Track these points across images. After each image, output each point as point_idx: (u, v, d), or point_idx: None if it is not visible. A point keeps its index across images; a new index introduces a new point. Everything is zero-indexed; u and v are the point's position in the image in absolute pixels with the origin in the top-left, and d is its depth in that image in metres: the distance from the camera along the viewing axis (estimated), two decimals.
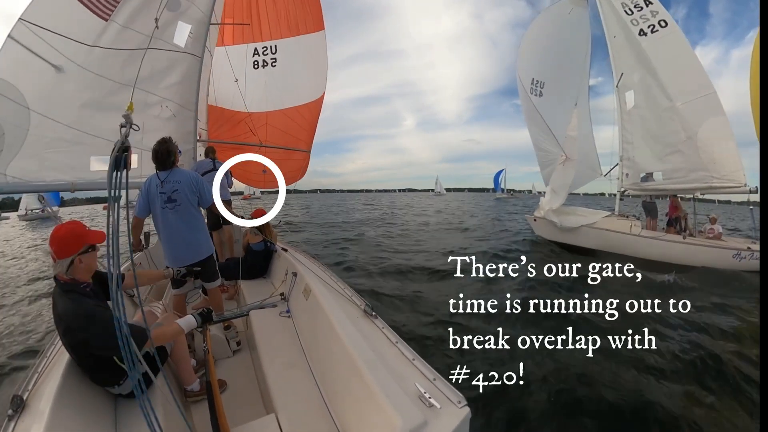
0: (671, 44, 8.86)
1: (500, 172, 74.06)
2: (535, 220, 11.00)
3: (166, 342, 1.83)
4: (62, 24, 2.78)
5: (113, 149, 1.10)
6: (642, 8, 9.14)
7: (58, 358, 1.66)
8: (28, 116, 2.76)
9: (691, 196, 9.29)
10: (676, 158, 8.84)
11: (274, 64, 6.04)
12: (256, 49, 5.99)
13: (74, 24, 2.84)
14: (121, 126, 1.25)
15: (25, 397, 1.41)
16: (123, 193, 1.13)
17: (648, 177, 9.49)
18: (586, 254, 8.97)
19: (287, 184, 6.37)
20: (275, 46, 6.01)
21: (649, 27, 9.14)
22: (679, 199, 9.33)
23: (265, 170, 5.75)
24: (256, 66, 6.00)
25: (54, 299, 1.58)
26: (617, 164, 10.03)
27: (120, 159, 1.11)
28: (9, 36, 2.61)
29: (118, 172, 1.10)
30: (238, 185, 6.38)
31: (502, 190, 73.25)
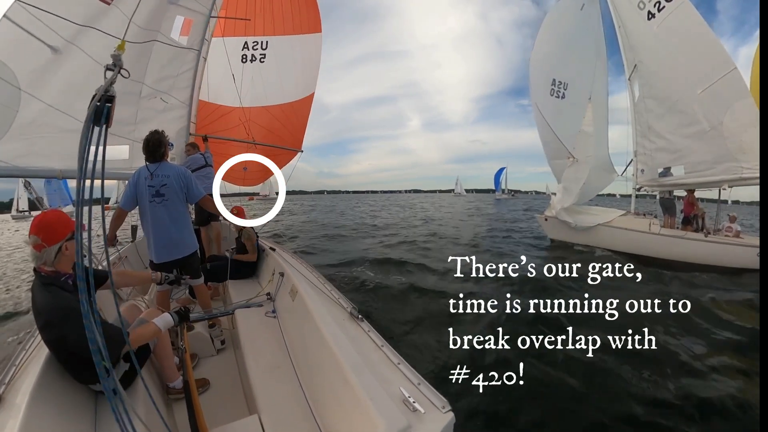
0: (681, 20, 8.00)
1: (501, 170, 71.00)
2: (546, 219, 10.45)
3: (144, 343, 1.81)
4: (62, 4, 2.71)
5: (93, 97, 0.89)
6: None
7: (38, 352, 1.63)
8: (18, 97, 2.68)
9: (717, 192, 8.62)
10: (699, 149, 8.13)
11: (262, 60, 5.99)
12: (246, 42, 5.92)
13: (74, 4, 2.78)
14: (107, 68, 0.97)
15: (1, 391, 1.38)
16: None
17: (666, 172, 8.91)
18: (601, 254, 8.71)
19: (263, 179, 6.45)
20: (266, 42, 5.96)
21: (655, 5, 8.33)
22: (696, 197, 8.77)
23: (246, 168, 5.71)
24: (244, 60, 5.93)
25: (33, 292, 1.54)
26: (632, 160, 9.53)
27: (101, 110, 0.89)
28: (4, 15, 2.54)
29: (98, 128, 0.89)
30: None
31: (503, 191, 70.75)
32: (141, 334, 1.72)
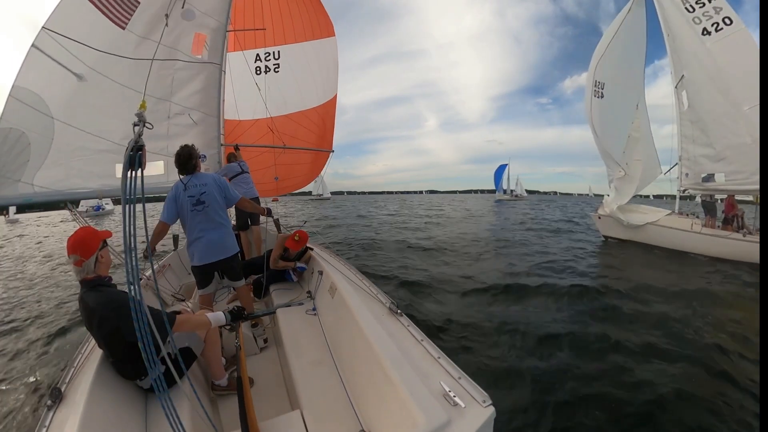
0: (737, 43, 8.54)
1: (502, 168, 62.08)
2: (599, 218, 11.57)
3: (189, 329, 1.90)
4: (82, 32, 2.90)
5: (126, 148, 1.10)
6: (704, 4, 8.88)
7: (92, 355, 1.79)
8: (52, 125, 2.83)
9: (752, 198, 9.33)
10: (739, 160, 8.85)
11: (276, 70, 6.12)
12: (258, 54, 6.06)
13: (93, 32, 2.94)
14: (134, 124, 1.25)
15: (63, 389, 1.53)
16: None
17: (710, 177, 9.59)
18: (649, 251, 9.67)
19: (298, 186, 6.48)
20: (278, 51, 6.10)
21: (713, 25, 8.88)
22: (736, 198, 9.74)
23: (277, 177, 5.82)
24: (258, 72, 6.06)
25: (83, 302, 1.69)
26: (676, 164, 10.25)
27: (134, 158, 1.10)
28: (33, 45, 2.64)
29: (133, 172, 1.09)
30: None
31: (504, 191, 63.62)
32: (188, 319, 1.82)
